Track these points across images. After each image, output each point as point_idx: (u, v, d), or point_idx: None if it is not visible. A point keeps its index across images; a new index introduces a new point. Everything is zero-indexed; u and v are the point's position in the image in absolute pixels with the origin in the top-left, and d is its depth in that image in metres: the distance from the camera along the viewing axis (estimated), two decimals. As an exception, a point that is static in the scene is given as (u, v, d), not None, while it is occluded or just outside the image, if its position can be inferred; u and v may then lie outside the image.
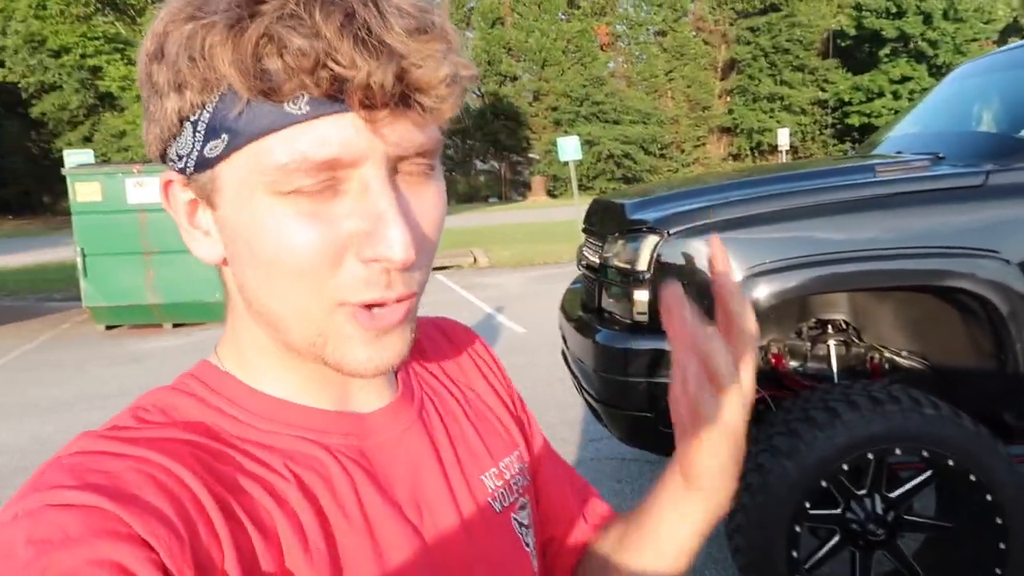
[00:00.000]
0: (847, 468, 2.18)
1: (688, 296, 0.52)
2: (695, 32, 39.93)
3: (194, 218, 0.52)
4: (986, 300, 2.24)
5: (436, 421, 0.63)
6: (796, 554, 2.17)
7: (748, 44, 37.69)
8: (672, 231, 2.37)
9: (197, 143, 0.47)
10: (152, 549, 0.41)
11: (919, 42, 33.50)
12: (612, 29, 39.65)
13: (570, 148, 11.07)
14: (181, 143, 0.48)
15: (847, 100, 36.34)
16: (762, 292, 2.28)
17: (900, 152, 2.94)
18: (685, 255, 2.35)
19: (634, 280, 2.43)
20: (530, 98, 37.94)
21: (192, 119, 0.47)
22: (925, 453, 2.16)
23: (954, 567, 2.32)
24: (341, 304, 0.48)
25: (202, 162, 0.47)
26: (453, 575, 0.56)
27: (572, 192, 12.88)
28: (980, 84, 3.24)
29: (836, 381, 2.59)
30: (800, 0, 36.43)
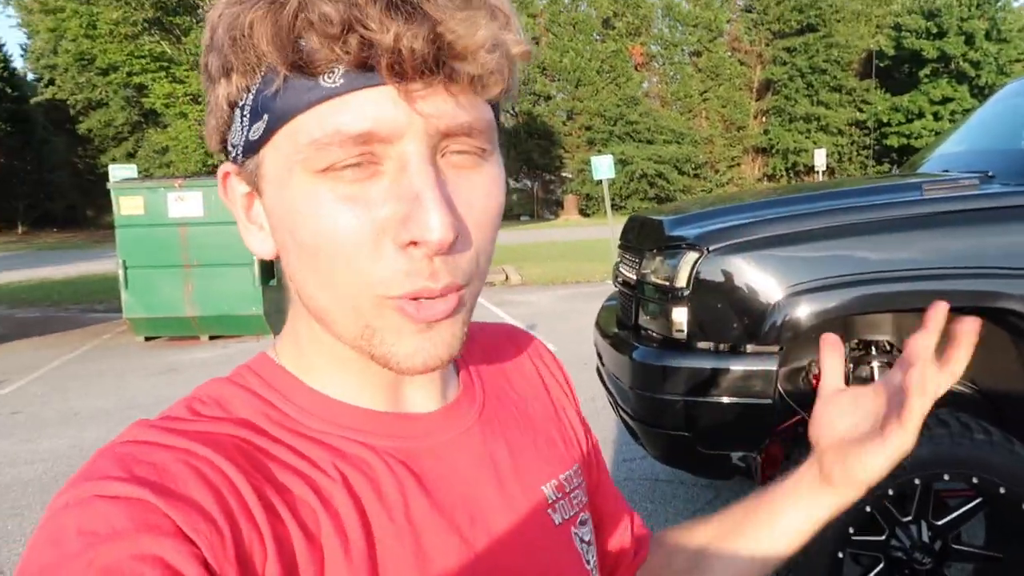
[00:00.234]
0: (892, 493, 2.12)
1: (726, 314, 0.55)
2: (730, 52, 39.82)
3: (250, 212, 0.52)
4: (1039, 323, 2.17)
5: (496, 426, 0.61)
6: (839, 581, 2.11)
7: (784, 64, 37.47)
8: (712, 248, 2.34)
9: (244, 128, 0.47)
10: (195, 544, 0.41)
11: (961, 63, 33.03)
12: (647, 49, 39.68)
13: (604, 167, 11.05)
14: (233, 132, 0.48)
15: (886, 121, 35.89)
16: (803, 311, 2.24)
17: (947, 170, 2.88)
18: (724, 272, 2.32)
19: (672, 297, 2.40)
20: (564, 117, 38.08)
21: (240, 104, 0.46)
22: (975, 480, 2.09)
23: (1004, 600, 2.24)
24: (385, 298, 0.46)
25: (248, 147, 0.47)
26: None
27: (605, 211, 12.85)
28: (1030, 102, 3.17)
29: (880, 404, 2.52)
30: (838, 21, 36.17)
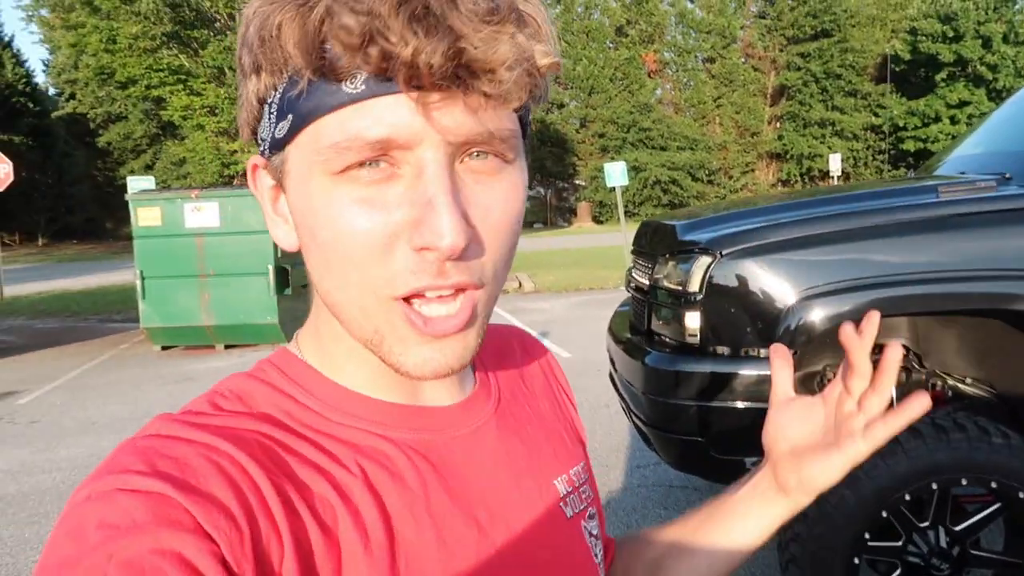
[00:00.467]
0: (909, 499, 2.09)
1: (739, 318, 0.57)
2: (744, 59, 39.71)
3: (276, 204, 0.53)
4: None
5: (511, 421, 0.62)
6: (855, 588, 2.09)
7: (799, 70, 37.31)
8: (725, 252, 2.33)
9: (272, 125, 0.48)
10: (213, 541, 0.41)
11: (978, 66, 32.73)
12: (660, 56, 39.65)
13: (617, 174, 11.04)
14: (262, 126, 0.49)
15: (902, 125, 35.61)
16: (816, 315, 2.22)
17: (963, 173, 2.85)
18: (737, 276, 2.31)
19: (685, 302, 2.39)
20: (577, 125, 38.10)
21: (268, 101, 0.48)
22: (993, 484, 2.07)
23: (1026, 607, 2.20)
24: (394, 299, 0.46)
25: (275, 144, 0.48)
26: None
27: (618, 218, 12.83)
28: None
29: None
30: (852, 26, 35.99)
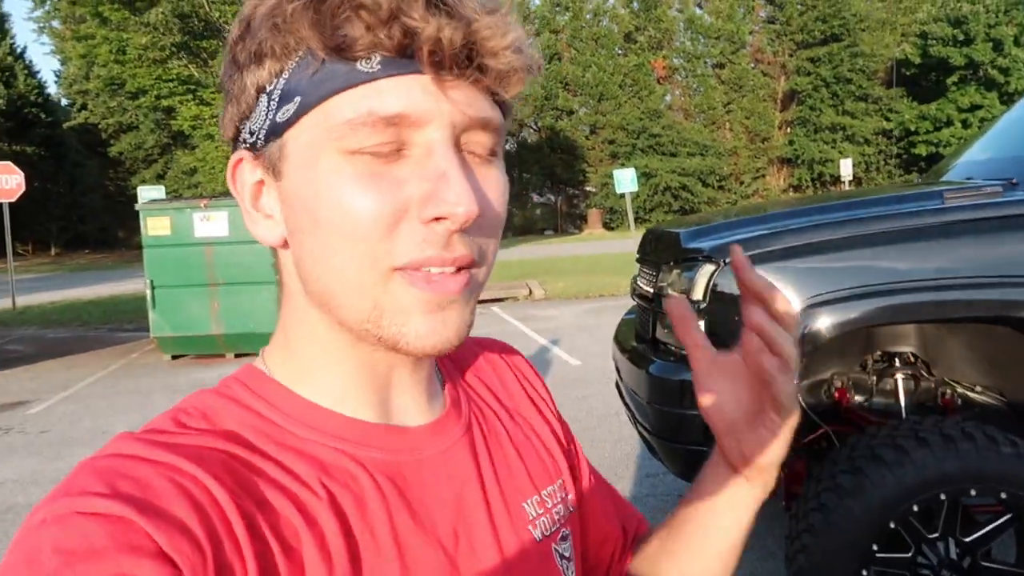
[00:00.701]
0: (917, 509, 2.06)
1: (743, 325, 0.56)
2: (754, 64, 39.61)
3: (258, 201, 0.54)
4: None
5: (481, 441, 0.61)
6: (863, 600, 2.06)
7: (809, 75, 37.18)
8: (728, 260, 2.31)
9: (270, 112, 0.49)
10: (176, 566, 0.40)
11: (989, 69, 32.51)
12: (669, 63, 39.60)
13: (626, 180, 11.06)
14: (255, 118, 0.51)
15: (913, 129, 35.39)
16: (823, 323, 2.20)
17: (970, 178, 2.83)
18: (742, 284, 2.29)
19: (689, 310, 2.37)
20: (586, 131, 38.08)
21: (268, 89, 0.49)
22: (1003, 495, 2.03)
23: (1039, 619, 2.16)
24: (395, 269, 0.48)
25: (273, 129, 0.50)
26: None
27: (628, 224, 12.82)
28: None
29: (904, 417, 2.47)
30: (862, 30, 35.83)
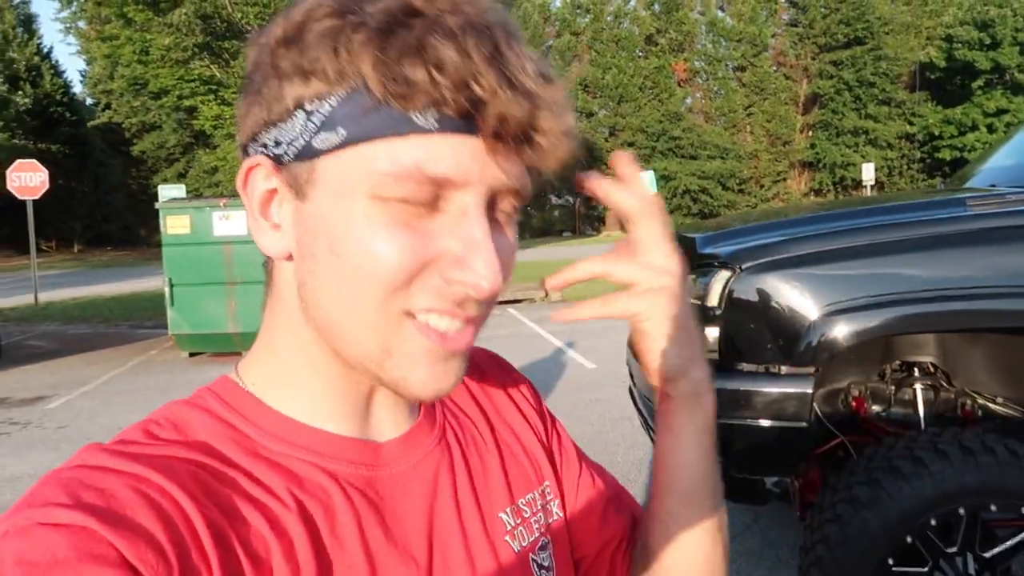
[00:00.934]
0: (935, 523, 2.02)
1: (760, 334, 0.54)
2: (775, 67, 39.33)
3: (267, 209, 0.52)
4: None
5: (456, 452, 0.61)
6: (879, 614, 2.02)
7: (831, 78, 36.85)
8: (744, 266, 2.29)
9: (307, 132, 0.47)
10: (139, 574, 0.40)
11: (1016, 74, 32.06)
12: (690, 65, 39.43)
13: (646, 182, 11.01)
14: (286, 129, 0.48)
15: (937, 134, 34.98)
16: (841, 331, 2.17)
17: (994, 185, 2.78)
18: (758, 291, 2.26)
19: (704, 316, 2.35)
20: (606, 134, 38.00)
21: (309, 109, 0.47)
22: (1024, 510, 1.99)
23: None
24: (407, 314, 0.48)
25: (306, 151, 0.48)
26: None
27: (646, 227, 12.79)
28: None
29: (923, 428, 2.43)
30: (886, 33, 35.46)
